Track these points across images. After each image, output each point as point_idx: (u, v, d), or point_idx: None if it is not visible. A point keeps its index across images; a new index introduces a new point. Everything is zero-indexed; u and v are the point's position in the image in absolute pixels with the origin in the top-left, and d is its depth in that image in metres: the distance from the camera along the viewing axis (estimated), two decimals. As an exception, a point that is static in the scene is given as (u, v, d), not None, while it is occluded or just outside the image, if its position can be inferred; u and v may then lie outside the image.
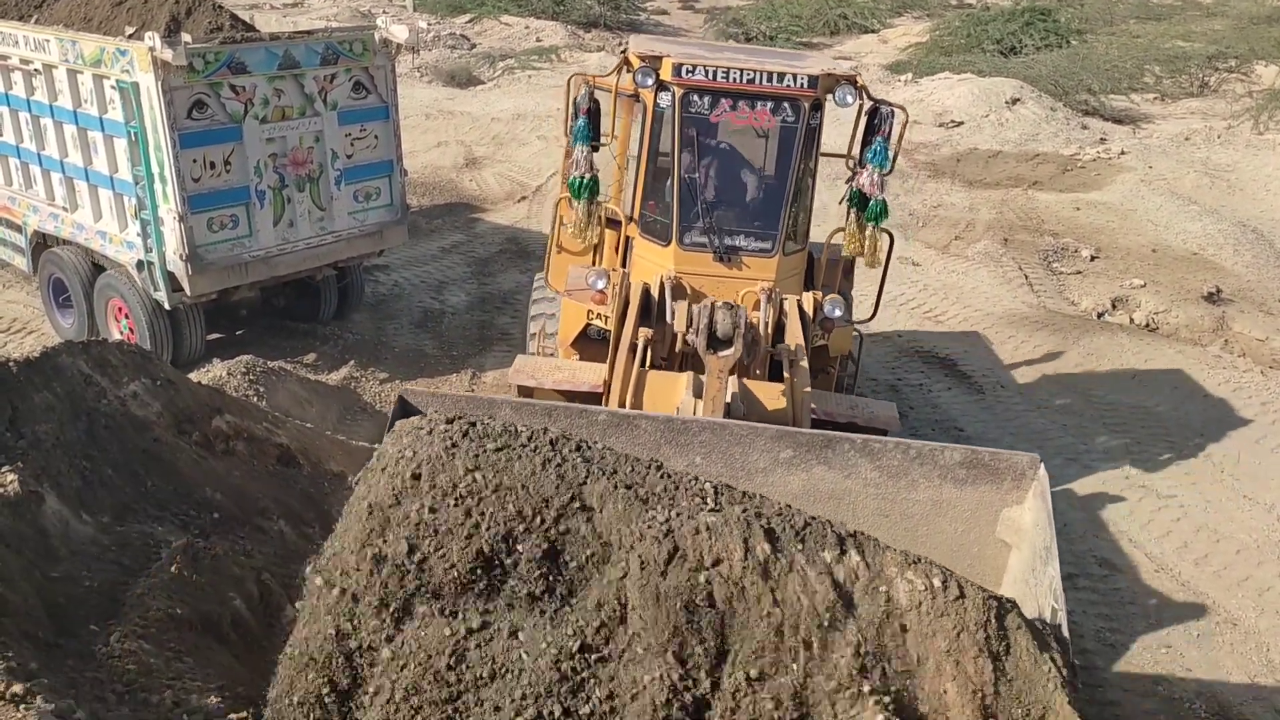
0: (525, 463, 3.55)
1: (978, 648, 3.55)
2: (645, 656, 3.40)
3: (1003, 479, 4.73)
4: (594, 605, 3.47)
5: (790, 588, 3.50)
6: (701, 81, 6.63)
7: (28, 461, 4.83)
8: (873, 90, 22.14)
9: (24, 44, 9.55)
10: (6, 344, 10.56)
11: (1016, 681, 3.57)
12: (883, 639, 3.53)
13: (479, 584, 3.51)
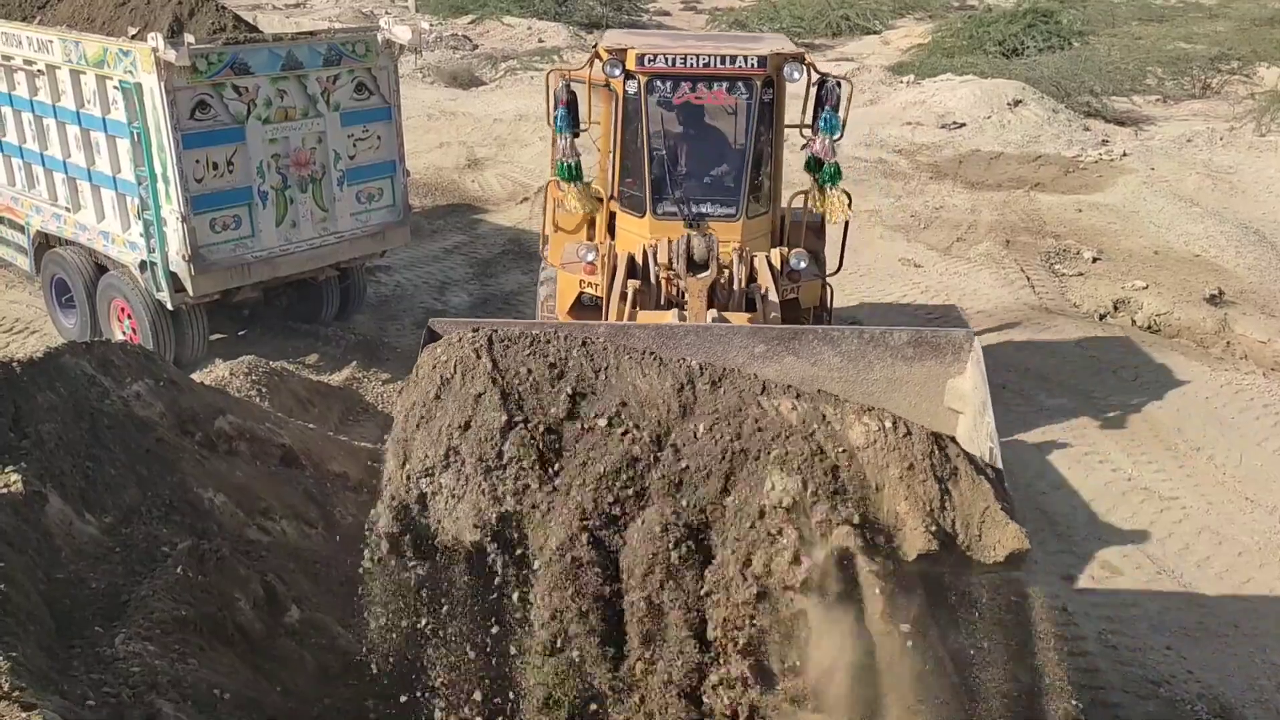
0: (549, 344, 4.62)
1: (925, 474, 4.29)
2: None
3: (944, 354, 5.38)
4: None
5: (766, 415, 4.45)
6: (663, 68, 7.35)
7: (31, 462, 4.83)
8: (875, 91, 22.06)
9: (27, 45, 9.56)
10: (9, 344, 10.57)
11: (958, 498, 4.30)
12: (850, 470, 4.32)
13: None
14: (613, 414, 4.49)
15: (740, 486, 4.32)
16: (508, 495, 4.36)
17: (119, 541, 4.89)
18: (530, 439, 4.38)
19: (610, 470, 4.38)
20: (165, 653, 4.06)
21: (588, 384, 4.54)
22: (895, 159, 18.27)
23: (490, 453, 4.36)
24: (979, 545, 4.36)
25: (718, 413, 4.47)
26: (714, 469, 4.35)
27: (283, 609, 5.09)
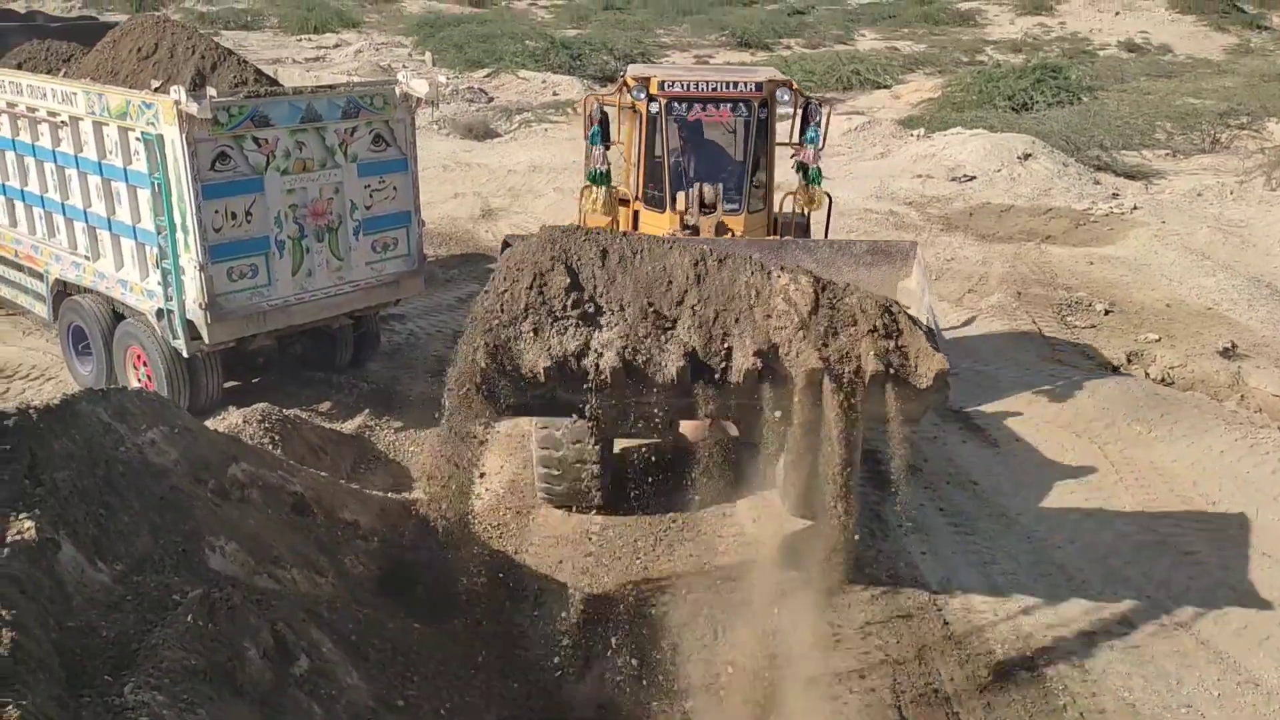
0: (599, 235, 6.13)
1: (879, 324, 5.77)
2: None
3: (895, 260, 7.11)
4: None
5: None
6: (679, 92, 9.17)
7: (45, 509, 4.84)
8: (885, 144, 22.40)
9: (52, 97, 9.75)
10: (25, 391, 10.65)
11: (902, 340, 5.80)
12: (829, 322, 5.80)
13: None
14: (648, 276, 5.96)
15: (742, 318, 5.87)
16: (569, 337, 5.81)
17: (131, 589, 4.88)
18: (587, 296, 5.84)
19: (642, 313, 5.86)
20: (174, 703, 4.03)
21: (627, 260, 5.93)
22: (906, 211, 18.38)
23: (558, 306, 5.80)
24: (914, 373, 5.78)
25: (723, 277, 5.96)
26: (722, 308, 5.87)
27: (292, 659, 5.06)
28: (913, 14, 51.22)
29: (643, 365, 5.81)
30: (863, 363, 5.74)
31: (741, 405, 6.05)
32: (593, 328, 5.85)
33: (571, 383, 5.87)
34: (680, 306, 5.91)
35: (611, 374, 5.75)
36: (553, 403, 6.16)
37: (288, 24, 44.42)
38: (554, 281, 5.83)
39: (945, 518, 8.81)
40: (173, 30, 10.24)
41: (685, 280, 5.93)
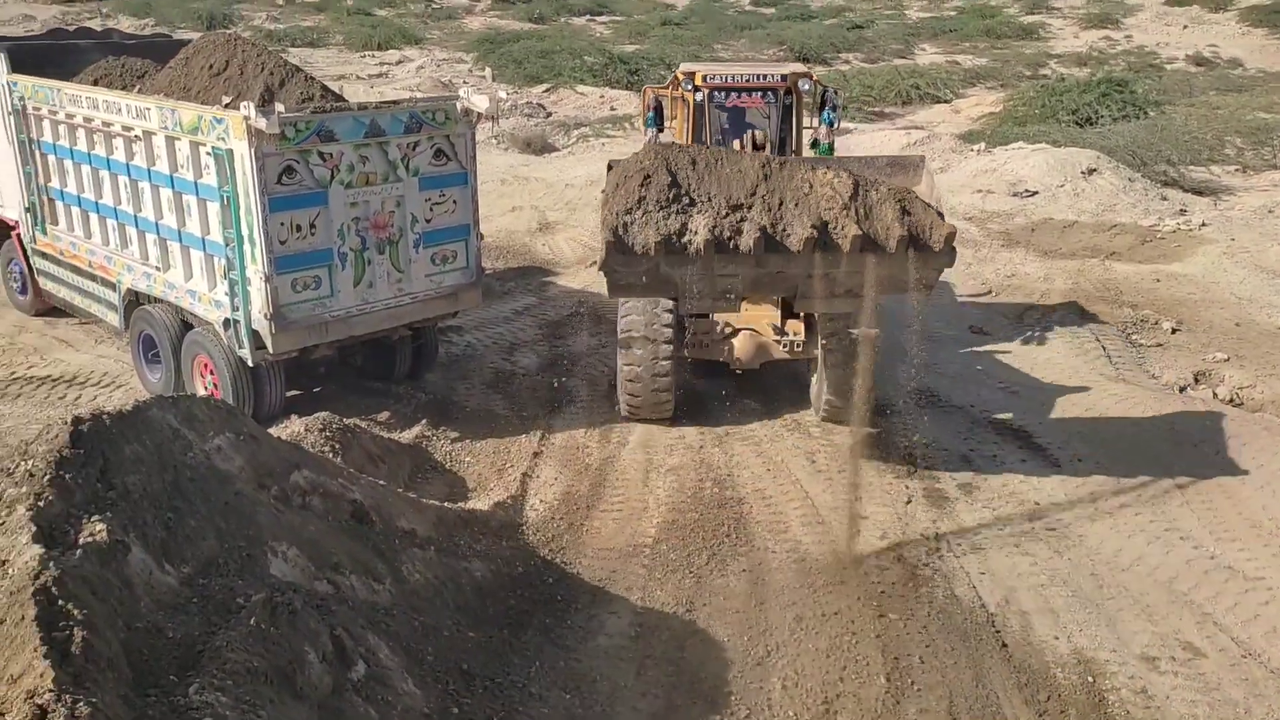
0: (690, 149, 8.09)
1: (901, 206, 7.65)
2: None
3: (909, 170, 9.17)
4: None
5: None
6: (719, 84, 11.19)
7: (116, 512, 4.99)
8: (945, 159, 22.47)
9: (126, 112, 10.06)
10: (97, 397, 10.96)
11: (918, 217, 7.65)
12: (864, 204, 7.66)
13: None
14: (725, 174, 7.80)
15: (800, 202, 7.67)
16: (672, 220, 7.57)
17: (196, 592, 5.00)
18: (684, 191, 7.61)
19: (725, 202, 7.65)
20: (237, 704, 4.12)
21: (712, 165, 7.73)
22: (965, 226, 18.15)
23: (663, 198, 7.56)
24: (930, 238, 7.64)
25: (783, 175, 7.80)
26: (784, 197, 7.68)
27: (350, 664, 5.14)
28: (974, 28, 50.70)
29: (727, 239, 7.64)
30: (890, 230, 7.53)
31: (800, 274, 7.97)
32: (688, 214, 7.65)
33: (673, 256, 7.74)
34: (753, 197, 7.71)
35: (704, 245, 7.61)
36: (654, 280, 8.06)
37: (352, 41, 45.32)
38: (658, 179, 7.63)
39: (1004, 538, 8.67)
40: (243, 48, 10.51)
41: (755, 178, 7.73)
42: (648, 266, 7.85)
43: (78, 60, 12.38)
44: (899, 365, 12.05)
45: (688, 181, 7.72)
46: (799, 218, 7.62)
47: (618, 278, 8.10)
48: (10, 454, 5.38)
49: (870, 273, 7.79)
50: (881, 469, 9.77)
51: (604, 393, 11.47)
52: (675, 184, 7.64)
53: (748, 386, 11.53)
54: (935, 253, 7.75)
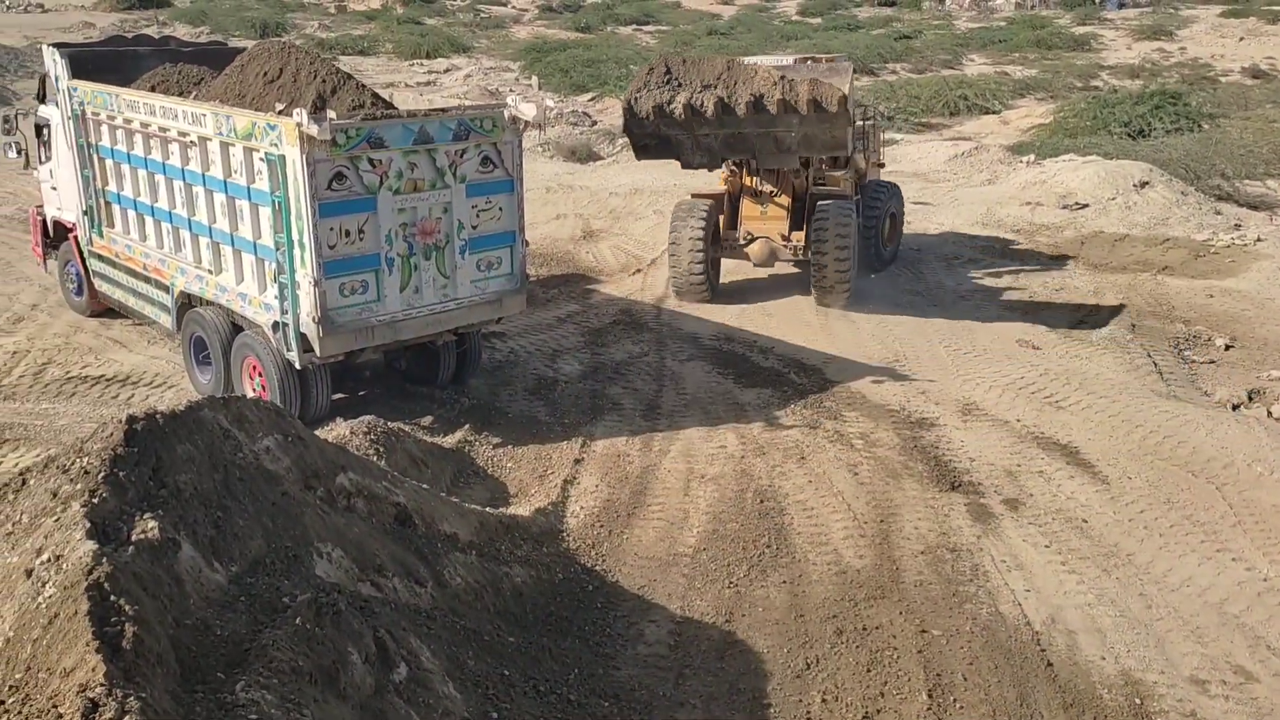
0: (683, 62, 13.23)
1: (809, 84, 12.24)
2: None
3: (839, 72, 13.00)
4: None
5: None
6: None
7: (168, 510, 5.08)
8: (993, 170, 22.39)
9: (183, 118, 10.26)
10: (149, 397, 11.17)
11: (820, 90, 12.15)
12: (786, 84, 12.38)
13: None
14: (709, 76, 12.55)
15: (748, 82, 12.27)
16: (663, 95, 12.39)
17: (244, 590, 5.08)
18: (674, 76, 12.47)
19: (700, 83, 12.38)
20: (282, 702, 4.17)
21: (694, 62, 12.71)
22: (1013, 239, 17.96)
23: (660, 80, 12.51)
24: (826, 101, 11.99)
25: (741, 67, 12.63)
26: (740, 78, 12.37)
27: (392, 666, 5.18)
28: (1024, 39, 50.16)
29: (699, 106, 12.13)
30: (800, 95, 12.01)
31: (751, 132, 12.27)
32: (675, 91, 12.25)
33: (665, 119, 12.15)
34: (718, 79, 12.11)
35: (682, 109, 12.17)
36: (659, 141, 12.67)
37: (401, 49, 45.87)
38: (658, 69, 12.42)
39: (1051, 555, 8.54)
40: (296, 55, 10.68)
41: (721, 68, 12.31)
42: (650, 129, 12.43)
43: (136, 67, 12.66)
44: (947, 378, 11.96)
45: (678, 70, 12.29)
46: (744, 91, 11.83)
47: (635, 139, 12.81)
48: (66, 451, 5.50)
49: (794, 130, 12.07)
50: (924, 481, 9.67)
51: (647, 400, 11.48)
52: (669, 72, 12.29)
53: (788, 394, 11.49)
54: (833, 113, 11.98)
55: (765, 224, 14.86)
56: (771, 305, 14.72)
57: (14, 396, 11.11)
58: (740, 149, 12.78)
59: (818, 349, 13.06)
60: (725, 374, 12.26)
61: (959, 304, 14.86)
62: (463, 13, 63.85)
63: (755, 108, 12.02)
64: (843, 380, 12.03)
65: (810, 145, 12.52)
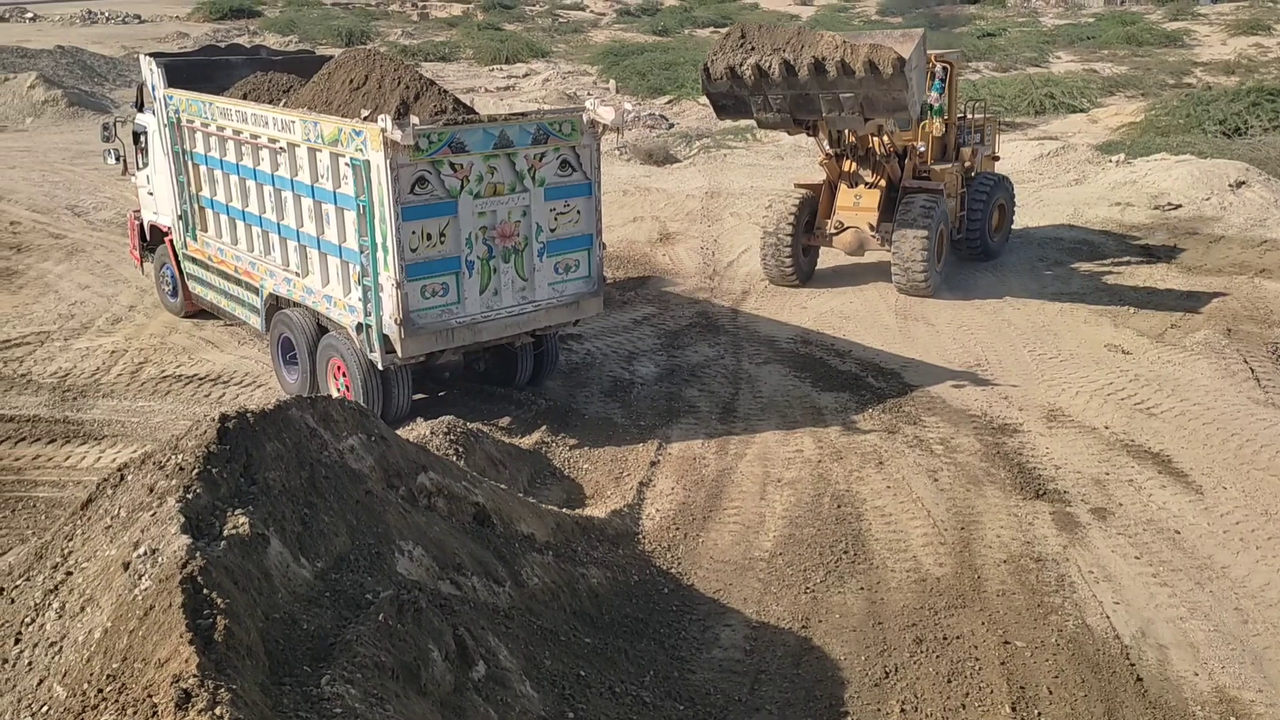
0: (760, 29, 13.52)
1: (868, 47, 12.47)
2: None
3: (909, 39, 12.87)
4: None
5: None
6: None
7: (258, 506, 5.23)
8: (1080, 170, 21.93)
9: (272, 125, 10.55)
10: (239, 396, 11.50)
11: (877, 54, 12.31)
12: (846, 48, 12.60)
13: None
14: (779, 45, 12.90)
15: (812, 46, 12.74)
16: (735, 57, 12.89)
17: (329, 586, 5.20)
18: (747, 41, 12.94)
19: (770, 47, 12.85)
20: (366, 696, 4.26)
21: (768, 28, 13.23)
22: (1102, 240, 17.47)
23: (734, 44, 13.05)
24: (881, 65, 12.12)
25: (810, 34, 13.29)
26: (805, 43, 12.79)
27: (471, 664, 5.25)
28: (1113, 35, 48.73)
29: (766, 69, 12.63)
30: (857, 58, 12.23)
31: (815, 93, 12.72)
32: (747, 54, 12.77)
33: (736, 80, 12.87)
34: (787, 44, 12.62)
35: (750, 69, 12.67)
36: (735, 101, 13.28)
37: (481, 55, 46.49)
38: (733, 35, 13.17)
39: (1141, 566, 8.28)
40: (381, 63, 10.90)
41: (791, 34, 12.92)
42: (726, 89, 13.06)
43: (228, 75, 13.05)
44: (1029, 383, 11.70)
45: (752, 36, 12.95)
46: (808, 55, 12.41)
47: (712, 100, 13.50)
48: (163, 448, 5.70)
49: (854, 92, 12.47)
50: (1007, 488, 9.46)
51: (723, 403, 11.45)
52: (743, 36, 12.97)
53: (866, 398, 11.34)
54: (888, 75, 12.13)
55: (857, 214, 15.21)
56: (850, 308, 14.56)
57: (112, 394, 11.55)
58: (807, 109, 13.06)
59: (896, 352, 12.87)
60: (802, 377, 12.16)
61: (1044, 306, 14.50)
62: (541, 18, 64.50)
63: (817, 70, 12.44)
64: (922, 384, 11.83)
65: (873, 108, 12.71)
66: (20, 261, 16.59)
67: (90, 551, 5.30)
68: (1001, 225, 16.76)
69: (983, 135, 16.67)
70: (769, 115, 13.23)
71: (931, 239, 14.39)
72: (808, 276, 15.65)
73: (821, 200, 15.64)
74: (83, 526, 5.54)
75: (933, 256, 14.47)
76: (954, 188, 15.70)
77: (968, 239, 16.20)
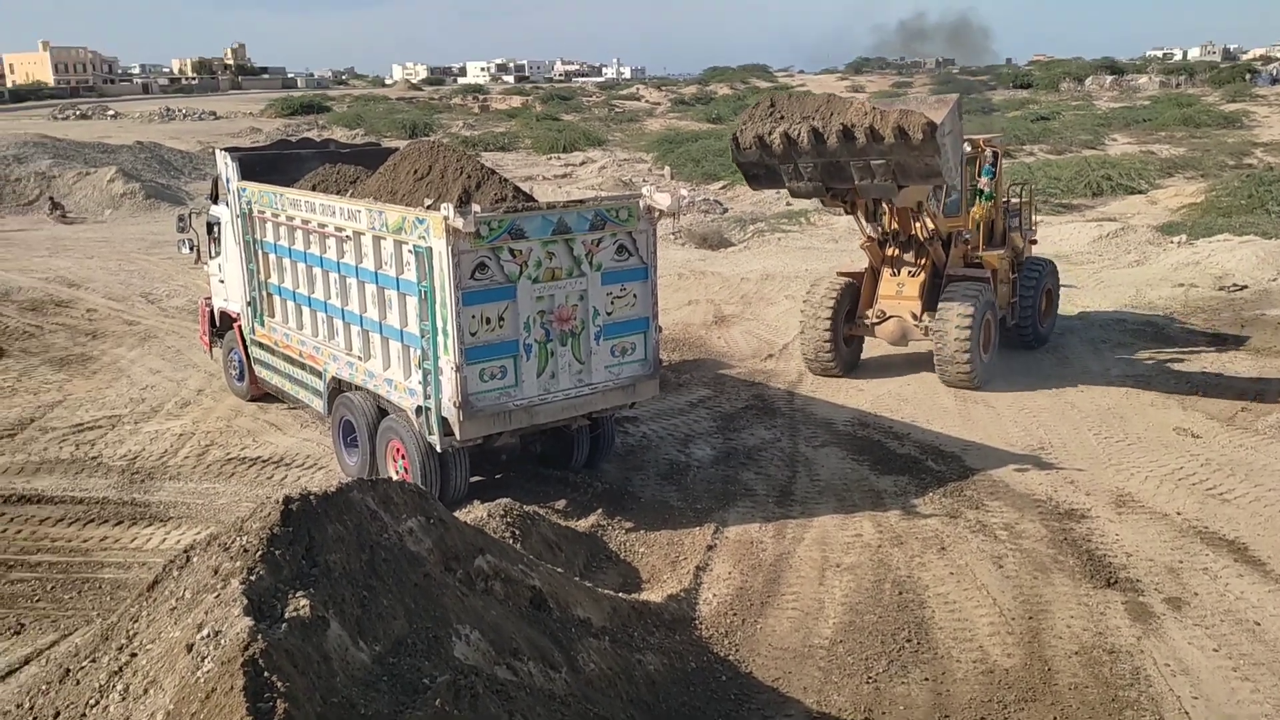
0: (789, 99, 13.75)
1: (897, 113, 12.09)
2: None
3: (941, 104, 12.61)
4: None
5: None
6: None
7: (319, 589, 5.26)
8: (1142, 251, 21.74)
9: (340, 214, 10.90)
10: (300, 478, 11.67)
11: (906, 120, 11.90)
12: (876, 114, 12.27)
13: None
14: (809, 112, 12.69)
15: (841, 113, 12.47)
16: (765, 126, 12.60)
17: (386, 670, 5.19)
18: (777, 110, 12.89)
19: (799, 116, 12.69)
20: (421, 785, 4.22)
21: (797, 98, 13.43)
22: (1166, 322, 17.18)
23: (764, 113, 12.90)
24: (911, 130, 11.71)
25: (837, 100, 12.95)
26: (835, 111, 12.50)
27: (528, 752, 5.17)
28: (1170, 117, 48.65)
29: (794, 137, 12.32)
30: (886, 124, 11.83)
31: (845, 160, 12.25)
32: (777, 123, 12.52)
33: (765, 149, 12.52)
34: (816, 113, 12.46)
35: (779, 138, 12.37)
36: (766, 169, 12.90)
37: (539, 144, 47.75)
38: (763, 104, 13.06)
39: (1220, 660, 7.93)
40: (444, 154, 11.26)
41: (820, 102, 12.75)
42: (756, 158, 12.76)
43: (298, 168, 13.56)
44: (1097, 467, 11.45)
45: (782, 105, 12.89)
46: (836, 121, 12.12)
47: (745, 170, 13.19)
48: (228, 530, 5.79)
49: (885, 159, 11.98)
50: (1076, 576, 9.18)
51: (780, 486, 11.33)
52: (773, 106, 12.92)
53: (926, 481, 11.15)
54: (918, 141, 11.72)
55: (899, 302, 14.92)
56: (907, 390, 14.43)
57: (179, 476, 11.79)
58: (839, 177, 12.62)
59: (956, 435, 12.68)
60: (860, 460, 12.02)
61: (1108, 389, 14.23)
62: (598, 108, 66.17)
63: (845, 136, 12.03)
64: (984, 468, 11.62)
65: (906, 175, 12.25)
66: (96, 347, 17.18)
67: (155, 633, 5.36)
68: (1049, 311, 16.46)
69: (1020, 219, 16.43)
70: (801, 184, 12.90)
71: (976, 329, 13.97)
72: (851, 366, 15.38)
73: (864, 288, 15.31)
74: (148, 608, 5.62)
75: (977, 347, 14.08)
76: (1005, 274, 15.47)
77: (1019, 327, 15.86)
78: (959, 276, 14.71)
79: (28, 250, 26.20)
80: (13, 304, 19.68)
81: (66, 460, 12.22)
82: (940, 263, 14.91)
